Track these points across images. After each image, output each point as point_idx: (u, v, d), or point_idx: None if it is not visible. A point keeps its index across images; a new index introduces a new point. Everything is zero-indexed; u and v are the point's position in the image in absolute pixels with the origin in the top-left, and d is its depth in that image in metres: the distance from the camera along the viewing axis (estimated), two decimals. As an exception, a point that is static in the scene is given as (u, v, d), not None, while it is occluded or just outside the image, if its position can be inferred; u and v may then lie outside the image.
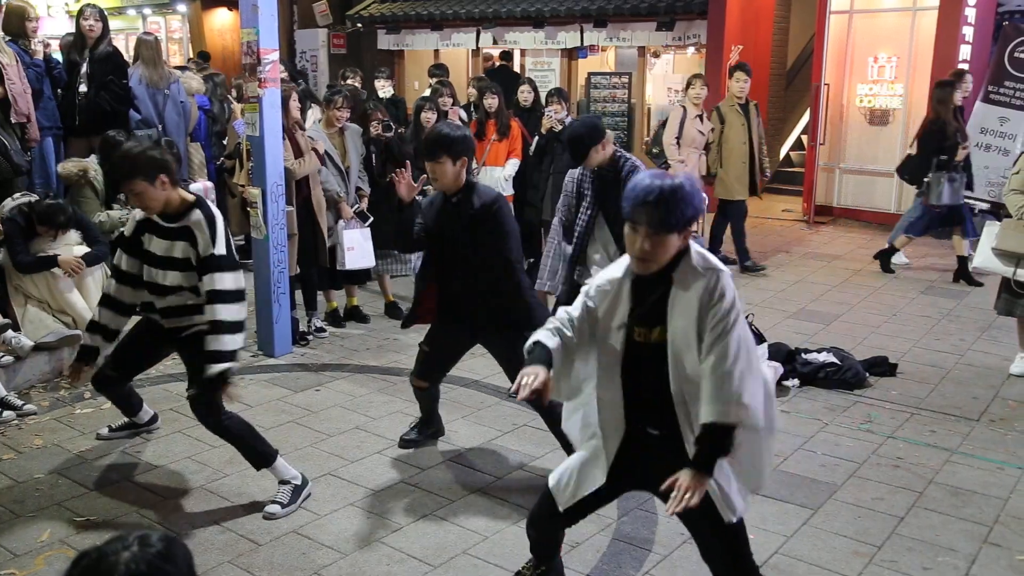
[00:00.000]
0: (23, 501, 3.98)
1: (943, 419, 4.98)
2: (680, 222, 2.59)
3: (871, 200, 10.87)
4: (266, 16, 5.62)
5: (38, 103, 6.39)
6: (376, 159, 6.66)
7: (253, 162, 5.76)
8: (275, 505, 3.88)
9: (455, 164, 4.02)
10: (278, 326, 5.89)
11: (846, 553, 3.60)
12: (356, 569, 3.47)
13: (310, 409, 5.07)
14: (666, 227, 2.57)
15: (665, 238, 2.59)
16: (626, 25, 12.46)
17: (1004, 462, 4.44)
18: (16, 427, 4.78)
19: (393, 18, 14.75)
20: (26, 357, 5.28)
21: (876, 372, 5.60)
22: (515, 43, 13.67)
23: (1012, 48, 9.95)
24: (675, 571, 3.48)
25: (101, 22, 6.74)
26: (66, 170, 6.14)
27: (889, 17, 10.75)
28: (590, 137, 4.54)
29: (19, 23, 6.44)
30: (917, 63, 10.36)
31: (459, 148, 4.00)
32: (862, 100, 10.84)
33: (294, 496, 3.94)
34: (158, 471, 4.29)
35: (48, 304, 5.46)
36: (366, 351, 6.14)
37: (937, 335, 6.50)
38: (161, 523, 3.79)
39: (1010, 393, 5.37)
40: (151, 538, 1.43)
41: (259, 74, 5.60)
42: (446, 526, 3.80)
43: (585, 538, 3.70)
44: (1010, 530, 3.79)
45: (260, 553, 3.58)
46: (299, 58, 15.79)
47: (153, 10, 17.90)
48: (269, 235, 5.71)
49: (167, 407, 5.03)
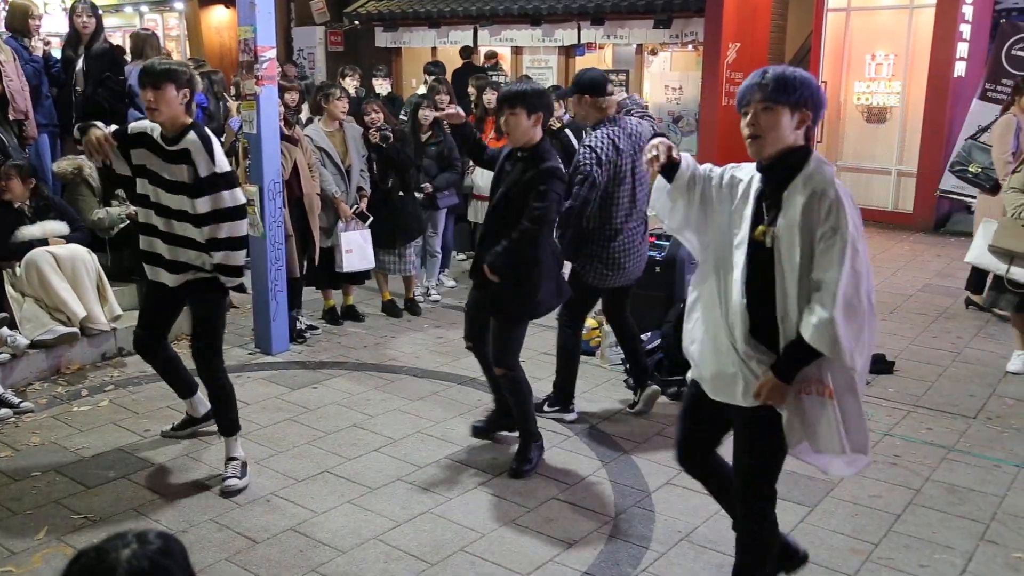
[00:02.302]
0: (20, 499, 3.98)
1: (940, 417, 4.98)
2: (793, 97, 2.59)
3: (868, 198, 10.88)
4: (263, 13, 5.61)
5: (37, 100, 6.38)
6: (377, 165, 6.64)
7: (250, 160, 5.76)
8: (233, 479, 4.06)
9: (529, 118, 4.06)
10: (275, 324, 5.89)
11: (843, 551, 3.60)
12: (353, 566, 3.47)
13: (307, 407, 5.07)
14: (774, 98, 2.58)
15: (776, 112, 2.60)
16: (623, 23, 12.46)
17: (1001, 460, 4.45)
18: (13, 425, 4.78)
19: (390, 16, 14.74)
20: (22, 355, 5.27)
21: (873, 370, 5.59)
22: (512, 40, 13.67)
23: (1009, 46, 9.96)
24: (672, 568, 3.48)
25: (95, 18, 6.72)
26: (61, 168, 6.14)
27: (886, 15, 10.77)
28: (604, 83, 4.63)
29: (23, 20, 6.45)
30: (914, 61, 10.38)
31: (535, 103, 4.05)
32: (859, 98, 10.85)
33: (244, 471, 4.13)
34: (155, 469, 4.29)
35: (43, 302, 5.46)
36: (363, 349, 6.14)
37: (934, 333, 6.51)
38: (158, 521, 3.79)
39: (1007, 391, 5.38)
40: (148, 535, 1.43)
41: (256, 71, 5.60)
42: (443, 523, 3.80)
43: (583, 536, 3.70)
44: (1007, 527, 3.80)
45: (257, 551, 3.58)
46: (296, 56, 15.77)
47: (150, 7, 17.86)
48: (266, 233, 5.70)
49: (163, 405, 5.02)
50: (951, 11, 9.86)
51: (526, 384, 4.33)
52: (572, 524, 3.80)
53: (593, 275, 4.72)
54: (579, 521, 3.82)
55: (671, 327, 5.44)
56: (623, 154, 4.56)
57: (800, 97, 2.61)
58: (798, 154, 2.66)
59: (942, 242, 9.83)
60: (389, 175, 6.66)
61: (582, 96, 4.61)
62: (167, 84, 3.86)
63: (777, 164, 2.67)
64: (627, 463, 4.39)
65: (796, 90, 2.60)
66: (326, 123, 6.46)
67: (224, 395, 4.18)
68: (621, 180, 4.59)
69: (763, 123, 2.62)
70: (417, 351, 6.08)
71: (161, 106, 3.87)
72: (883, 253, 9.12)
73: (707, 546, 3.60)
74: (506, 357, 4.26)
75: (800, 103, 2.62)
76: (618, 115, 4.67)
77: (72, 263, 5.53)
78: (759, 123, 2.63)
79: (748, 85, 2.66)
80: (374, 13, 14.97)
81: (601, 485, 4.16)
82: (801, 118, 2.63)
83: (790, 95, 2.60)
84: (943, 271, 8.40)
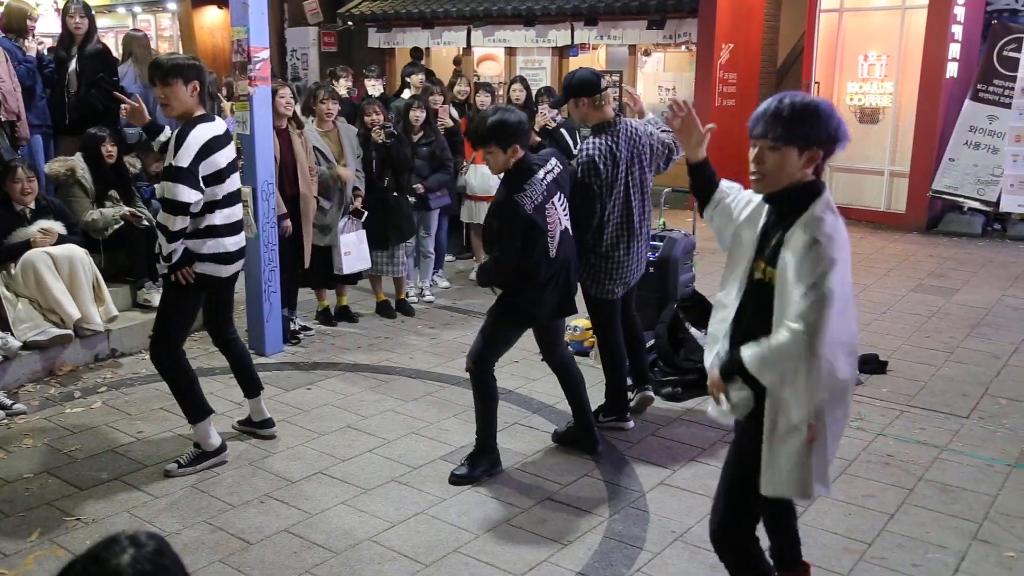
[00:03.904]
0: (13, 501, 3.97)
1: (933, 416, 5.00)
2: (802, 137, 2.47)
3: (861, 198, 10.92)
4: (256, 14, 5.61)
5: (30, 101, 6.36)
6: (376, 164, 6.64)
7: (244, 160, 5.75)
8: (173, 464, 4.27)
9: (506, 152, 4.00)
10: (268, 324, 5.88)
11: (836, 550, 3.61)
12: (347, 568, 3.47)
13: (301, 408, 5.06)
14: (784, 138, 2.47)
15: (782, 154, 2.49)
16: (617, 23, 12.47)
17: (993, 459, 4.46)
18: (6, 427, 4.76)
19: (384, 16, 14.73)
20: (14, 357, 5.26)
21: (866, 370, 5.61)
22: (505, 41, 13.67)
23: (1001, 46, 10.00)
24: (666, 569, 3.48)
25: (87, 18, 6.70)
26: (53, 170, 6.12)
27: (879, 16, 10.79)
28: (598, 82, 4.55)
29: (20, 21, 6.43)
30: (907, 61, 10.41)
31: (506, 139, 3.97)
32: (852, 98, 10.88)
33: (195, 461, 4.28)
34: (148, 471, 4.28)
35: (38, 303, 5.44)
36: (357, 350, 6.14)
37: (927, 332, 6.53)
38: (151, 523, 3.78)
39: (999, 390, 5.39)
40: (140, 537, 1.42)
41: (249, 72, 5.59)
42: (437, 524, 3.80)
43: (576, 536, 3.70)
44: (999, 527, 3.81)
45: (251, 552, 3.58)
46: (289, 56, 15.76)
47: (143, 8, 17.82)
48: (259, 234, 5.69)
49: (157, 406, 5.02)
50: (943, 12, 9.89)
51: (494, 390, 4.24)
52: (566, 524, 3.80)
53: (596, 287, 4.66)
54: (573, 521, 3.83)
55: (664, 328, 5.45)
56: (619, 164, 4.48)
57: (811, 135, 2.49)
58: (806, 191, 2.57)
59: (935, 242, 9.86)
60: (386, 174, 6.66)
61: (578, 99, 4.53)
62: (176, 79, 4.04)
63: (783, 198, 2.60)
64: (621, 464, 4.39)
65: (808, 128, 2.48)
66: (319, 123, 6.46)
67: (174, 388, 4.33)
68: (611, 190, 4.49)
69: (768, 163, 2.53)
70: (411, 352, 6.07)
71: (172, 101, 4.08)
72: (876, 253, 9.14)
73: (701, 546, 3.59)
74: (484, 352, 4.19)
75: (811, 142, 2.50)
76: (618, 116, 4.57)
77: (69, 263, 5.52)
78: (764, 162, 2.54)
79: (761, 114, 2.53)
80: (367, 14, 14.96)
81: (595, 485, 4.17)
82: (811, 156, 2.52)
83: (800, 134, 2.48)
84: (936, 271, 8.42)
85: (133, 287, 6.29)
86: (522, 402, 5.17)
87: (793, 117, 2.49)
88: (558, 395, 5.23)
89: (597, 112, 4.53)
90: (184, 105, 4.10)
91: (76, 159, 6.20)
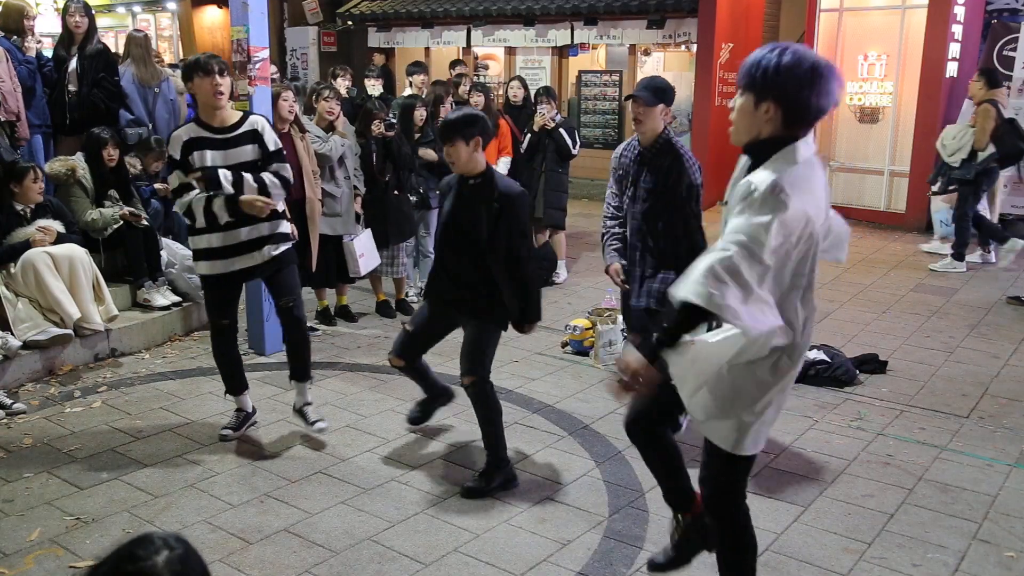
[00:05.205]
0: (13, 500, 3.97)
1: (933, 416, 5.00)
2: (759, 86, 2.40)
3: (861, 198, 10.91)
4: (256, 14, 5.61)
5: (30, 101, 6.36)
6: (376, 157, 6.64)
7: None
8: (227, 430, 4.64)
9: (468, 144, 3.97)
10: (268, 324, 5.88)
11: (836, 550, 3.61)
12: (347, 567, 3.47)
13: (301, 407, 5.06)
14: (741, 83, 2.44)
15: (744, 100, 2.44)
16: (616, 23, 12.47)
17: (993, 459, 4.46)
18: (6, 426, 4.76)
19: (384, 16, 14.73)
20: (14, 356, 5.26)
21: (866, 370, 5.62)
22: (505, 41, 13.67)
23: (1001, 46, 10.00)
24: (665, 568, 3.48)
25: (87, 18, 6.70)
26: (53, 170, 6.12)
27: (878, 15, 10.79)
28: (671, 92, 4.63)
29: (18, 20, 6.42)
30: (907, 61, 10.41)
31: (468, 131, 3.96)
32: (852, 98, 10.87)
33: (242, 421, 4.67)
34: (148, 470, 4.28)
35: (37, 302, 5.44)
36: (357, 349, 6.13)
37: (927, 332, 6.53)
38: (151, 522, 3.78)
39: (999, 390, 5.40)
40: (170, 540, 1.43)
41: (249, 72, 5.59)
42: (437, 524, 3.80)
43: (576, 536, 3.70)
44: (999, 527, 3.81)
45: (251, 551, 3.58)
46: (289, 56, 15.75)
47: (143, 7, 17.83)
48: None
49: (156, 406, 5.02)
50: (943, 11, 9.89)
51: (496, 400, 4.16)
52: (566, 524, 3.80)
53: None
54: (573, 521, 3.83)
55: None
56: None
57: (769, 87, 2.38)
58: (774, 144, 2.45)
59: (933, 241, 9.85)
60: (387, 169, 6.66)
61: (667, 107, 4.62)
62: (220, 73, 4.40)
63: (751, 150, 2.55)
64: (621, 463, 4.39)
65: (771, 80, 2.37)
66: (319, 122, 6.45)
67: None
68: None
69: (735, 110, 2.50)
70: (411, 351, 6.06)
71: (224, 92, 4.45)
72: (876, 253, 9.14)
73: (701, 546, 3.60)
74: (484, 362, 4.12)
75: (766, 93, 2.39)
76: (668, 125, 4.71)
77: (69, 263, 5.52)
78: (733, 108, 2.51)
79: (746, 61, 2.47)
80: (367, 13, 14.95)
81: (595, 485, 4.17)
82: (766, 110, 2.41)
83: (757, 83, 2.40)
84: (935, 271, 8.42)
85: (133, 287, 6.29)
86: (522, 402, 5.17)
87: (760, 66, 2.40)
88: (558, 395, 5.24)
89: (663, 121, 4.65)
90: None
91: (77, 159, 6.20)
